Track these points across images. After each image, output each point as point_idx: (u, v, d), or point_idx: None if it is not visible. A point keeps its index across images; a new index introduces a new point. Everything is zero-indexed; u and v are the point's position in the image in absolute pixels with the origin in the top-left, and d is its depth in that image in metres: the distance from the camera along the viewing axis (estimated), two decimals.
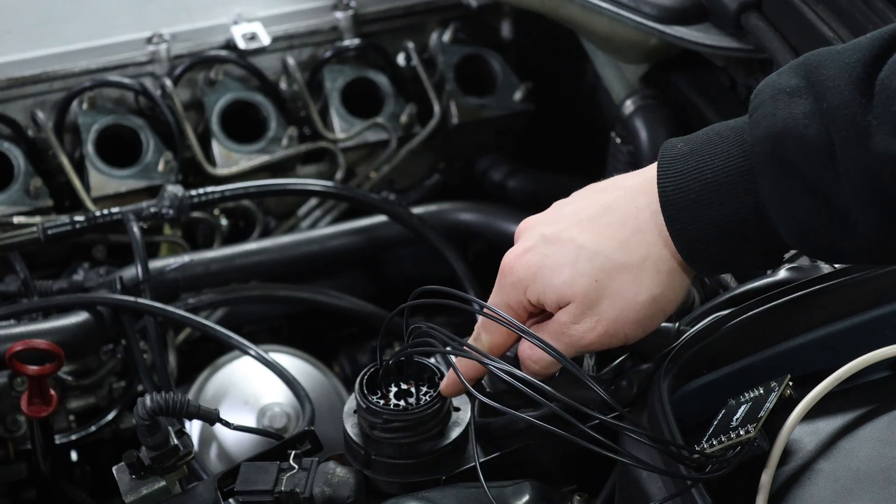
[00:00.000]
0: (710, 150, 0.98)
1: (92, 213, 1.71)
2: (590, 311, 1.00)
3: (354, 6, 1.99)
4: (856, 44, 0.93)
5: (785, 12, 1.47)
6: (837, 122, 0.90)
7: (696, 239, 0.97)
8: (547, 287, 1.01)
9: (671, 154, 1.00)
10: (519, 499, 1.07)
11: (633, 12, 1.60)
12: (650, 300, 1.00)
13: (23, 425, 1.62)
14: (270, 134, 1.91)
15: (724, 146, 0.97)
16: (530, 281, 1.03)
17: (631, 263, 0.99)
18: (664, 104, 1.74)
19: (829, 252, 0.96)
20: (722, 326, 1.08)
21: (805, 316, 1.09)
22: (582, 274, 1.00)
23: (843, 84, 0.91)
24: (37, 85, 1.85)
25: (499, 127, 2.04)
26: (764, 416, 0.97)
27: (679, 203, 0.98)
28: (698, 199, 0.97)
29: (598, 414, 0.99)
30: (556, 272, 1.01)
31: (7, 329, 1.57)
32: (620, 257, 1.00)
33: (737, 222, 0.96)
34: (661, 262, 0.99)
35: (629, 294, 1.00)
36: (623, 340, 1.02)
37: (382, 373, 1.11)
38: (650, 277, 1.00)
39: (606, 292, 1.00)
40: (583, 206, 1.05)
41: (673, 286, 1.01)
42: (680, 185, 0.98)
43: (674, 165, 0.99)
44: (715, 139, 0.98)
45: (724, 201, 0.96)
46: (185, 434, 1.19)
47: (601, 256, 1.00)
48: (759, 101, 0.96)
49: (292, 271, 1.81)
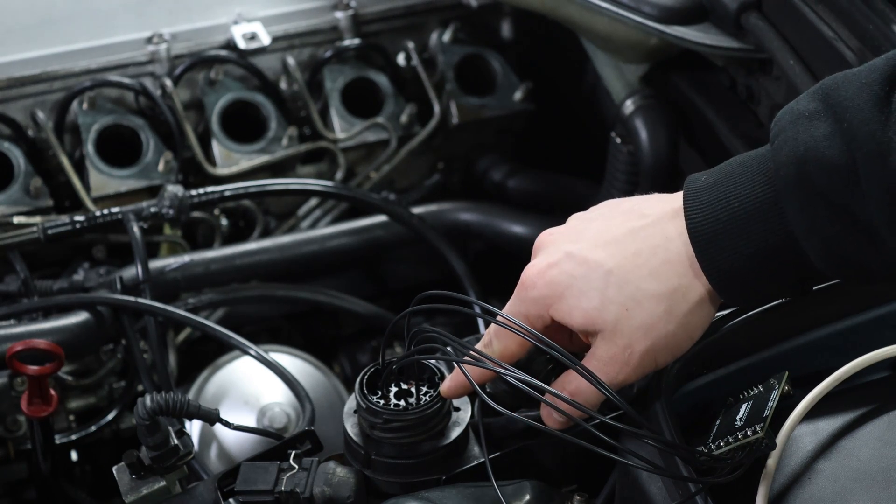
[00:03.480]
0: (735, 179, 0.98)
1: (92, 213, 1.71)
2: (621, 342, 1.00)
3: (354, 6, 1.99)
4: (871, 65, 0.94)
5: (785, 12, 1.47)
6: (858, 140, 0.91)
7: (727, 269, 0.98)
8: (574, 309, 1.01)
9: (696, 186, 1.00)
10: (519, 499, 1.07)
11: (633, 12, 1.60)
12: (679, 328, 1.00)
13: (23, 425, 1.62)
14: (270, 134, 1.91)
15: (749, 175, 0.98)
16: (556, 299, 1.02)
17: (661, 293, 0.99)
18: (664, 104, 1.74)
19: (859, 272, 0.96)
20: (722, 326, 1.08)
21: (805, 316, 1.09)
22: (612, 301, 0.99)
23: (862, 102, 0.91)
24: (37, 85, 1.85)
25: (499, 127, 2.04)
26: (769, 415, 0.97)
27: (708, 234, 0.98)
28: (727, 230, 0.97)
29: (598, 415, 0.99)
30: (585, 296, 1.00)
31: (7, 329, 1.57)
32: (651, 287, 0.99)
33: (766, 250, 0.96)
34: (691, 291, 1.00)
35: (660, 325, 0.99)
36: (654, 368, 1.02)
37: (385, 375, 1.11)
38: (680, 307, 0.99)
39: (637, 322, 0.99)
40: (608, 226, 1.04)
41: (702, 314, 1.01)
42: (707, 217, 0.98)
43: (699, 197, 0.99)
44: (738, 169, 0.99)
45: (752, 230, 0.96)
46: (186, 434, 1.19)
47: (631, 285, 0.99)
48: (779, 127, 0.97)
49: (292, 271, 1.81)
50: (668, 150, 1.72)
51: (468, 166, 2.07)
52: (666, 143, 1.72)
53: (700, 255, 0.98)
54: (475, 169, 2.07)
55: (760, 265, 0.97)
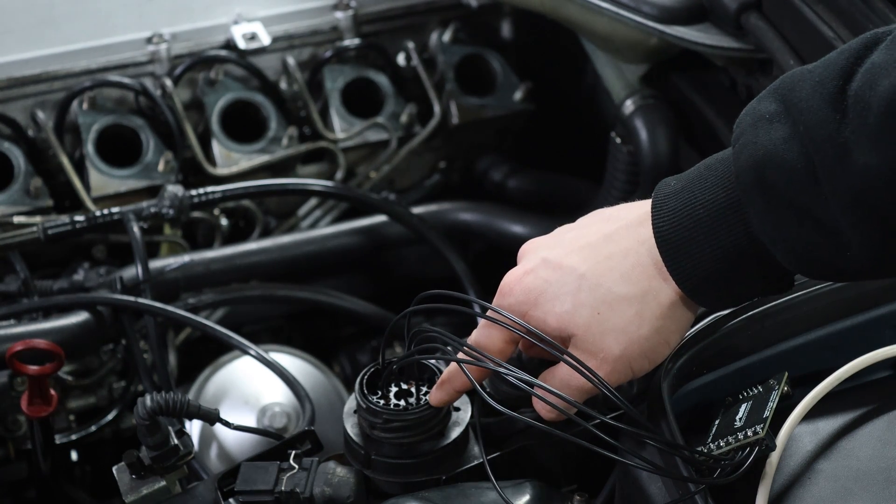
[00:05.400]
0: (701, 184, 0.98)
1: (92, 213, 1.71)
2: (593, 346, 1.00)
3: (354, 6, 1.99)
4: (826, 60, 0.92)
5: (785, 12, 1.47)
6: (816, 142, 0.89)
7: (695, 275, 0.97)
8: (548, 314, 1.01)
9: (665, 192, 1.00)
10: (519, 499, 1.07)
11: (633, 12, 1.60)
12: (653, 332, 0.99)
13: (23, 425, 1.62)
14: (270, 134, 1.91)
15: (713, 179, 0.97)
16: (531, 305, 1.02)
17: (632, 296, 0.99)
18: (664, 104, 1.74)
19: (830, 272, 0.95)
20: (722, 326, 1.08)
21: (805, 316, 1.09)
22: (584, 305, 1.00)
23: (816, 103, 0.90)
24: (37, 85, 1.85)
25: (499, 127, 2.04)
26: (770, 415, 0.97)
27: (674, 241, 0.98)
28: (692, 236, 0.97)
29: (598, 415, 0.99)
30: (559, 300, 1.01)
31: (7, 329, 1.57)
32: (622, 289, 0.99)
33: (733, 254, 0.96)
34: (662, 294, 0.99)
35: (632, 328, 0.99)
36: (631, 375, 1.01)
37: (385, 375, 1.11)
38: (651, 310, 0.99)
39: (609, 326, 0.99)
40: (584, 233, 1.04)
41: (675, 318, 1.00)
42: (674, 223, 0.98)
43: (667, 203, 0.99)
44: (705, 174, 0.98)
45: (717, 235, 0.96)
46: (186, 434, 1.19)
47: (602, 288, 0.99)
48: (740, 130, 0.96)
49: (292, 271, 1.81)
50: (668, 150, 1.72)
51: (468, 166, 2.07)
52: (666, 143, 1.72)
53: (667, 261, 0.98)
54: (475, 169, 2.07)
55: (730, 268, 0.96)
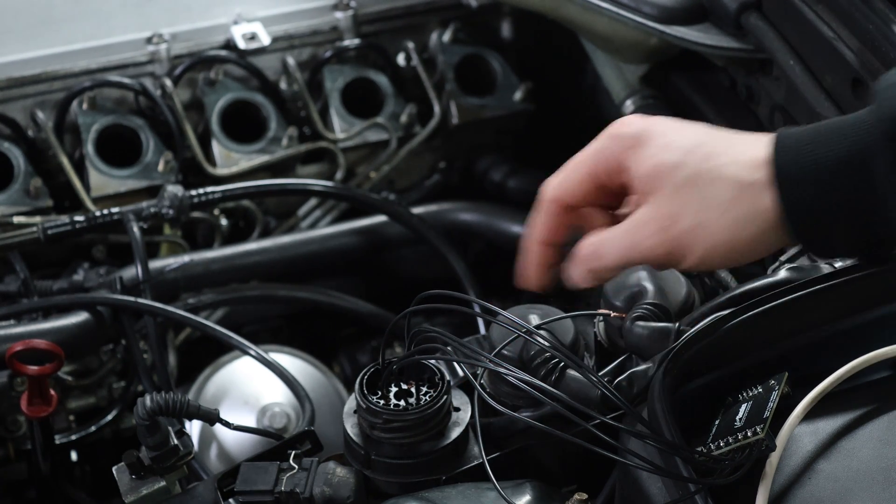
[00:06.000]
0: (829, 132, 0.95)
1: (92, 213, 1.71)
2: (669, 208, 0.96)
3: (354, 6, 1.99)
4: None
5: (785, 12, 1.47)
6: None
7: (807, 214, 0.95)
8: (651, 158, 0.97)
9: (787, 132, 0.97)
10: (519, 499, 1.07)
11: (634, 12, 1.60)
12: (736, 228, 0.96)
13: (23, 425, 1.62)
14: (270, 134, 1.91)
15: (845, 130, 0.95)
16: (641, 142, 0.99)
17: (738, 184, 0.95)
18: (664, 104, 1.74)
19: None
20: (722, 326, 1.07)
21: (805, 316, 1.09)
22: (688, 166, 0.96)
23: None
24: (37, 85, 1.85)
25: (499, 127, 2.04)
26: (770, 415, 0.97)
27: (793, 177, 0.94)
28: (816, 178, 0.94)
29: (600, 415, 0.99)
30: (668, 150, 0.97)
31: (7, 329, 1.57)
32: (731, 172, 0.95)
33: (850, 203, 0.94)
34: (763, 203, 0.95)
35: (718, 210, 0.95)
36: (681, 260, 0.98)
37: (385, 375, 1.11)
38: (746, 207, 0.95)
39: (697, 196, 0.95)
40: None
41: (761, 231, 0.96)
42: (797, 160, 0.94)
43: (789, 139, 0.96)
44: (834, 125, 0.96)
45: (838, 181, 0.93)
46: (185, 434, 1.19)
47: (716, 161, 0.95)
48: (884, 84, 0.94)
49: (292, 271, 1.81)
50: None
51: (468, 166, 2.07)
52: None
53: (783, 192, 0.94)
54: (475, 169, 2.07)
55: (843, 218, 0.94)
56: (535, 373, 1.08)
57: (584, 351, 1.19)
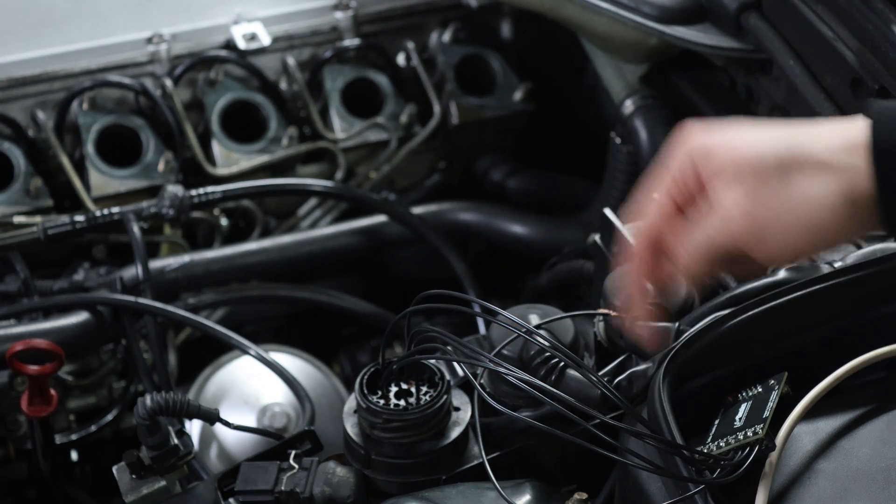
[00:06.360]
0: None
1: (92, 213, 1.71)
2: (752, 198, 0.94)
3: (354, 6, 1.99)
4: None
5: (785, 12, 1.47)
6: None
7: None
8: (726, 144, 0.96)
9: (883, 104, 0.94)
10: (519, 499, 1.07)
11: (633, 12, 1.60)
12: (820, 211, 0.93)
13: (23, 425, 1.62)
14: (270, 134, 1.91)
15: None
16: (710, 154, 0.97)
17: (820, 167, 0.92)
18: (664, 104, 1.74)
19: None
20: (722, 326, 1.07)
21: (805, 316, 1.09)
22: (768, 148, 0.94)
23: None
24: (37, 85, 1.86)
25: (499, 127, 2.04)
26: (769, 415, 0.97)
27: (891, 151, 0.92)
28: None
29: (600, 414, 0.99)
30: (745, 132, 0.96)
31: (7, 329, 1.57)
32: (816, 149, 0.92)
33: None
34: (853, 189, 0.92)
35: (801, 194, 0.93)
36: (755, 243, 0.96)
37: (385, 375, 1.11)
38: (834, 195, 0.92)
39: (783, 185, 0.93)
40: None
41: (850, 218, 0.93)
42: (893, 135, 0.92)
43: (889, 110, 0.93)
44: None
45: None
46: (186, 434, 1.19)
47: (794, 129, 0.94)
48: None
49: (292, 271, 1.81)
50: None
51: (468, 166, 2.07)
52: (666, 144, 1.71)
53: (878, 168, 0.91)
54: (475, 169, 2.07)
55: None
56: (534, 372, 1.08)
57: (583, 351, 1.19)
